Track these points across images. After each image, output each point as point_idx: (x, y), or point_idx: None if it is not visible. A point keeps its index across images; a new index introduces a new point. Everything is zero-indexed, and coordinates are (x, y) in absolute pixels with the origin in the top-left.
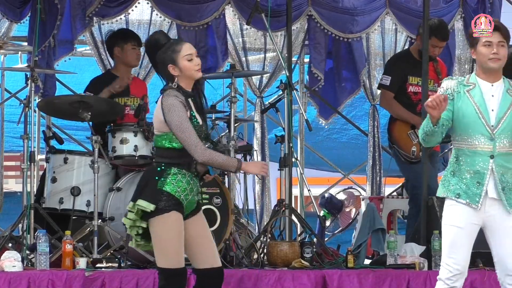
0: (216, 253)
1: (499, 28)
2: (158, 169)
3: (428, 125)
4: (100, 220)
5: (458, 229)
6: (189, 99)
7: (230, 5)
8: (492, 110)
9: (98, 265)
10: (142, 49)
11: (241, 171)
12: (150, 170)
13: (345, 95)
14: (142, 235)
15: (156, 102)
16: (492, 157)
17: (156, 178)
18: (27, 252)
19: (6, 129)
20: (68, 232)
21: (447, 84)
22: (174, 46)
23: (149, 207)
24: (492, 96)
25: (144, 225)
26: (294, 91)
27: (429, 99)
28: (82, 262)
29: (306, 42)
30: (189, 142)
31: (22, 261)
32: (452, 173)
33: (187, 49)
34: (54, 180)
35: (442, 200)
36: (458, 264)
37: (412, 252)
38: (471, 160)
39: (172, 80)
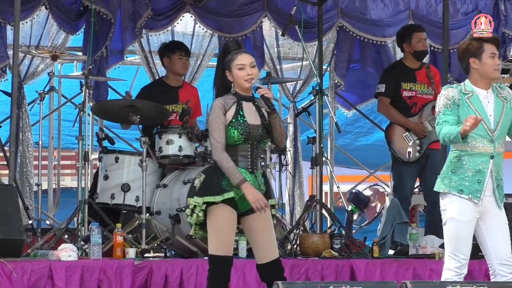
0: (270, 247)
1: (497, 40)
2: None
3: (457, 138)
4: (148, 214)
5: (464, 223)
6: (242, 101)
7: (267, 17)
8: (490, 115)
9: (146, 255)
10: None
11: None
12: (210, 168)
13: (369, 96)
14: (200, 226)
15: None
16: (492, 157)
17: (213, 176)
18: (82, 243)
19: (62, 128)
20: (119, 225)
21: (450, 93)
22: (233, 55)
23: (198, 200)
24: (488, 102)
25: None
26: (325, 96)
27: (468, 124)
28: (131, 252)
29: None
30: (211, 140)
31: (77, 251)
32: (452, 171)
33: (241, 59)
34: (106, 177)
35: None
36: (465, 254)
37: (432, 243)
38: (473, 160)
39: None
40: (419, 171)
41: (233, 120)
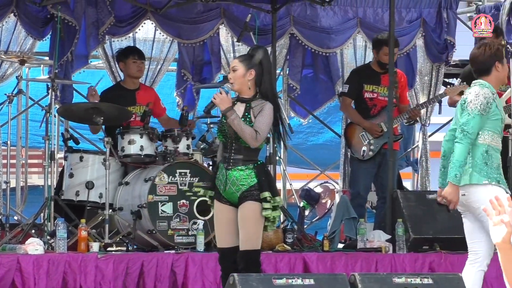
0: (242, 238)
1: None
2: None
3: (455, 180)
4: (110, 210)
5: None
6: (237, 102)
7: (223, 25)
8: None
9: (109, 248)
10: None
11: None
12: None
13: (322, 101)
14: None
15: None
16: (501, 154)
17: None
18: (48, 237)
19: (29, 128)
20: (83, 220)
21: (488, 94)
22: None
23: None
24: None
25: None
26: (278, 99)
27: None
28: (95, 246)
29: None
30: None
31: (44, 245)
32: (486, 163)
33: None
34: (71, 175)
35: (405, 193)
36: None
37: (379, 237)
38: (496, 155)
39: None
40: (375, 169)
41: (221, 119)
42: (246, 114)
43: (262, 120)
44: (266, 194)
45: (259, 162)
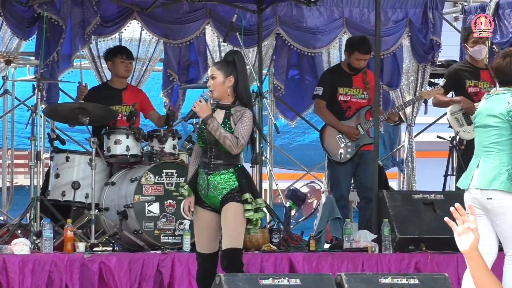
0: (224, 238)
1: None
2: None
3: None
4: (97, 210)
5: None
6: (217, 109)
7: (209, 25)
8: None
9: (95, 249)
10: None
11: None
12: None
13: (308, 103)
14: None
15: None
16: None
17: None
18: (34, 237)
19: (15, 129)
20: (69, 221)
21: None
22: None
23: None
24: None
25: None
26: (264, 99)
27: None
28: (81, 246)
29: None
30: None
31: (30, 245)
32: None
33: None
34: (57, 175)
35: (391, 193)
36: None
37: (365, 237)
38: None
39: None
40: (353, 169)
41: (200, 126)
42: (226, 120)
43: (242, 127)
44: (247, 195)
45: (239, 166)
